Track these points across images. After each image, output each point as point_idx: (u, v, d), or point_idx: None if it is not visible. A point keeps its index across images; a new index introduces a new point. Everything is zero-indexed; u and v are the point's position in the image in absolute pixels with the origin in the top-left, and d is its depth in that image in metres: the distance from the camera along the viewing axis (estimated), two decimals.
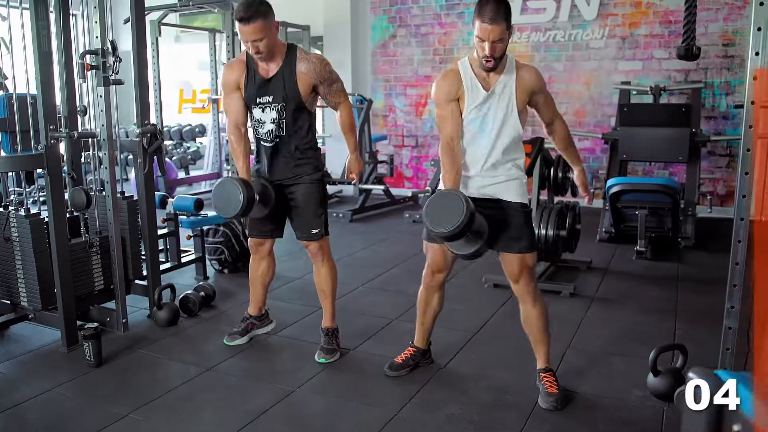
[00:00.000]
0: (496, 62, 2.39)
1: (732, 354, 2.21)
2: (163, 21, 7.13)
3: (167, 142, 9.02)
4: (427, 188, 6.37)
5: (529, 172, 4.04)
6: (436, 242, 2.62)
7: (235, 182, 2.79)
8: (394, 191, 7.17)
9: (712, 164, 6.49)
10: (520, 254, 2.55)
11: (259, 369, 2.97)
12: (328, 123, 8.29)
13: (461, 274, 4.38)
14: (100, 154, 3.24)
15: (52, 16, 3.09)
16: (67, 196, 3.20)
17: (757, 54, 1.99)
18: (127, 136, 7.04)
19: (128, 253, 3.50)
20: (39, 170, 3.07)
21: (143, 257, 3.62)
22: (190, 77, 11.34)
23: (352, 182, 2.83)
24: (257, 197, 2.86)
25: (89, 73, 3.10)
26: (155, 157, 3.44)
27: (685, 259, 4.83)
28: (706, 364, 2.62)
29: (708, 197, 5.56)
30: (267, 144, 2.91)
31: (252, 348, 3.18)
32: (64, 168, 3.32)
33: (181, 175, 8.53)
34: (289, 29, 7.74)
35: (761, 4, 1.94)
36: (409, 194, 7.17)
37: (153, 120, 3.87)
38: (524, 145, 4.21)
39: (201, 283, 3.91)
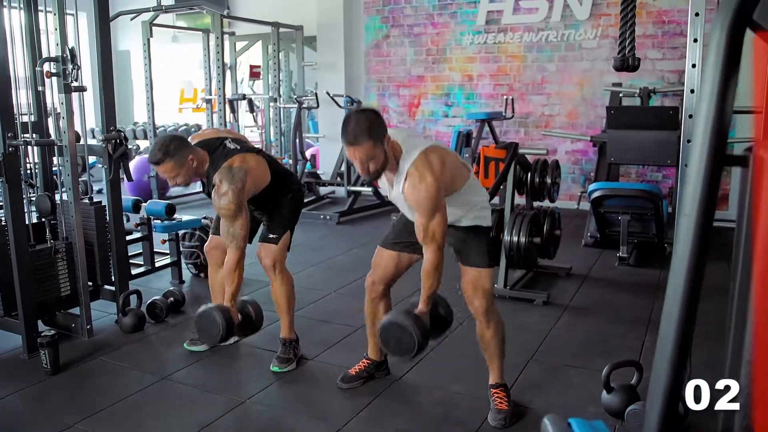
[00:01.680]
0: (374, 175, 2.28)
1: None
2: (155, 22, 7.13)
3: None
4: None
5: (503, 178, 3.99)
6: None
7: (214, 312, 2.69)
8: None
9: None
10: (474, 268, 2.52)
11: (214, 378, 2.96)
12: (322, 123, 8.28)
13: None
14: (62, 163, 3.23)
15: (15, 18, 3.10)
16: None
17: (693, 66, 1.93)
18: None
19: (96, 258, 3.51)
20: None
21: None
22: (192, 76, 11.38)
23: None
24: (237, 321, 2.78)
25: (49, 80, 3.09)
26: (121, 162, 3.43)
27: (669, 266, 4.74)
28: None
29: None
30: None
31: (212, 355, 3.17)
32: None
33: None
34: (282, 29, 7.71)
35: (696, 14, 1.89)
36: None
37: (145, 120, 3.94)
38: (499, 150, 4.21)
39: (171, 288, 3.90)
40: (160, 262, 4.26)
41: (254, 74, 9.08)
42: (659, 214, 4.76)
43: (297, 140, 7.06)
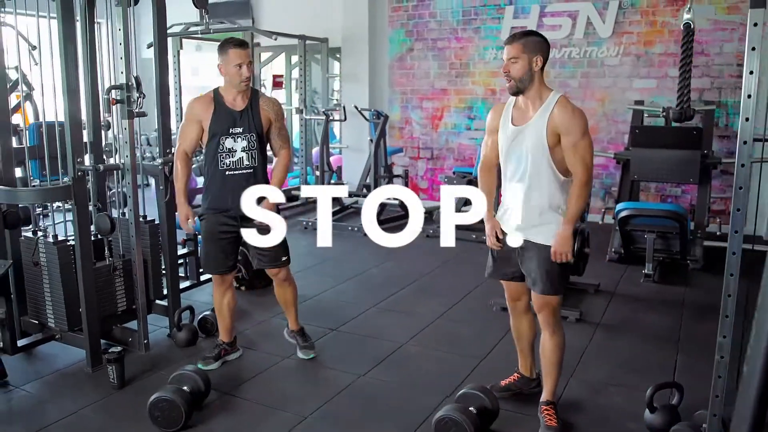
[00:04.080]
0: (512, 85, 2.61)
1: (722, 402, 2.29)
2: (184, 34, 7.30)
3: None
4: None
5: None
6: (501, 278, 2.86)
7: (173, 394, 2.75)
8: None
9: (725, 183, 6.52)
10: (540, 294, 2.68)
11: (274, 394, 3.10)
12: (345, 133, 8.44)
13: (470, 296, 4.50)
14: (124, 184, 3.39)
15: (79, 48, 3.25)
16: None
17: (751, 73, 2.07)
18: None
19: (149, 274, 3.66)
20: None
21: (164, 276, 3.79)
22: (210, 82, 11.57)
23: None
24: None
25: (114, 106, 3.25)
26: None
27: (693, 282, 4.90)
28: (702, 399, 2.73)
29: (717, 219, 5.61)
30: (235, 173, 3.10)
31: (267, 372, 3.31)
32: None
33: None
34: (308, 42, 7.87)
35: (755, 24, 2.03)
36: (425, 207, 7.28)
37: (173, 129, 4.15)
38: None
39: None
40: (204, 275, 4.42)
41: (277, 84, 9.24)
42: (684, 233, 4.90)
43: (324, 152, 7.20)
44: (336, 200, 7.48)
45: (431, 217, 6.76)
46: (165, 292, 3.82)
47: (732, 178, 6.47)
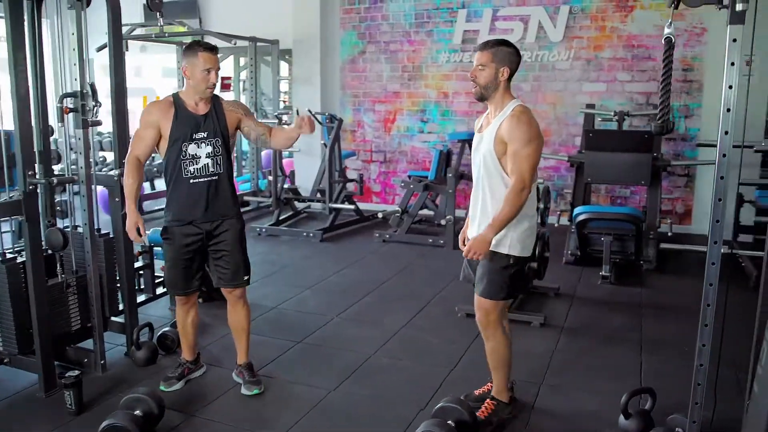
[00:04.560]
0: (478, 91, 2.67)
1: (701, 408, 2.32)
2: (131, 35, 7.03)
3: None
4: (397, 207, 6.45)
5: None
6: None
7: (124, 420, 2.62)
8: (362, 206, 7.23)
9: (671, 184, 6.72)
10: (478, 295, 2.76)
11: (243, 414, 2.98)
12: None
13: (433, 302, 4.47)
14: (77, 196, 3.21)
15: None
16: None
17: (730, 87, 2.10)
18: None
19: (104, 291, 3.49)
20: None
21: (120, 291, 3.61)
22: (154, 84, 11.23)
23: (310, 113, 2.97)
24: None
25: (68, 115, 3.07)
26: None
27: (648, 283, 5.01)
28: (672, 402, 2.77)
29: (668, 219, 5.76)
30: (201, 180, 2.95)
31: (234, 389, 3.19)
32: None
33: (147, 188, 8.42)
34: (259, 44, 7.71)
35: (734, 40, 2.06)
36: (378, 210, 7.25)
37: (110, 130, 3.92)
38: None
39: (173, 315, 3.89)
40: (158, 289, 4.25)
41: (225, 86, 9.03)
42: (639, 235, 5.01)
43: (277, 156, 7.06)
44: (288, 205, 7.36)
45: (387, 221, 6.73)
46: (121, 307, 3.64)
47: (678, 179, 6.73)
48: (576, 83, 6.94)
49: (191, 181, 2.95)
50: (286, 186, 7.27)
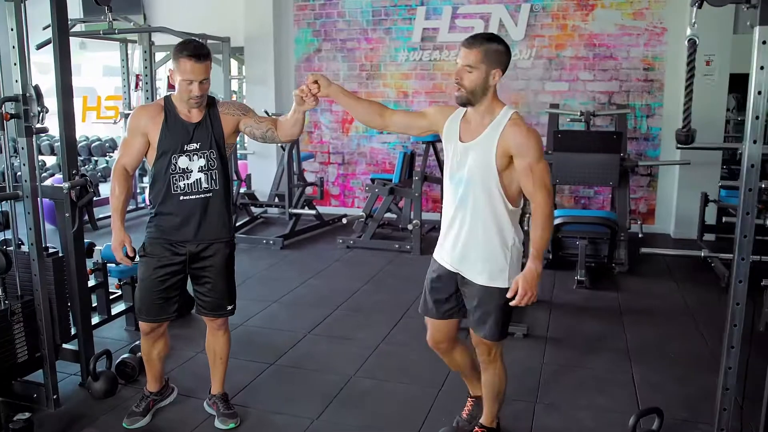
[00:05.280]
0: (462, 95, 2.27)
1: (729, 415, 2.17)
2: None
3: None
4: (362, 213, 6.22)
5: None
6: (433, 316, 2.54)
7: None
8: (321, 210, 6.95)
9: (635, 183, 6.69)
10: (482, 338, 2.44)
11: None
12: (250, 140, 7.95)
13: (409, 314, 4.26)
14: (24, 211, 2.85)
15: None
16: None
17: (759, 93, 1.94)
18: None
19: (55, 316, 3.13)
20: None
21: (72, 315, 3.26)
22: (95, 83, 10.65)
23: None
24: None
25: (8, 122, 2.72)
26: (85, 210, 3.07)
27: (623, 287, 4.92)
28: (671, 418, 2.64)
29: (638, 220, 5.71)
30: (192, 198, 2.62)
31: (208, 422, 2.90)
32: None
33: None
34: (209, 41, 7.32)
35: (764, 42, 1.90)
36: (338, 215, 7.00)
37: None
38: None
39: (137, 342, 3.54)
40: (113, 308, 3.89)
41: (172, 86, 8.57)
42: (614, 239, 4.93)
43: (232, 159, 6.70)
44: (244, 210, 7.03)
45: (352, 227, 6.48)
46: (74, 332, 3.29)
47: (641, 178, 6.71)
48: (538, 82, 6.84)
49: (181, 198, 2.61)
50: (242, 191, 6.92)
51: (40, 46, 4.44)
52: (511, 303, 2.23)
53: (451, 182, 2.36)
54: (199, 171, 2.60)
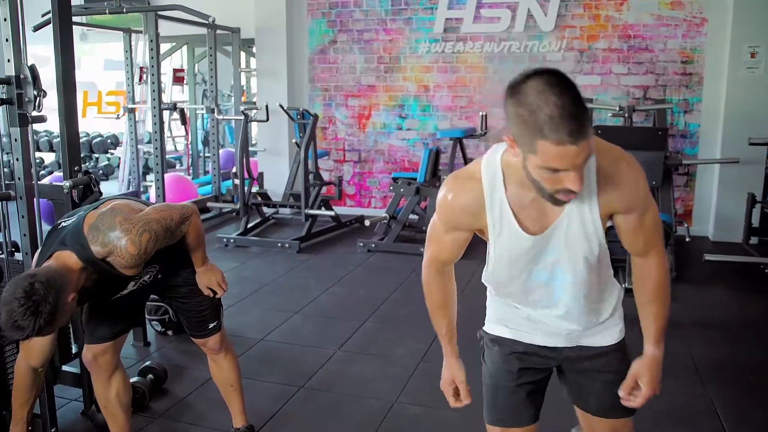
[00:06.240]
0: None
1: None
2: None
3: None
4: (385, 214, 5.81)
5: None
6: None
7: None
8: (336, 210, 6.53)
9: (673, 188, 6.29)
10: (619, 419, 1.73)
11: None
12: (261, 135, 7.56)
13: None
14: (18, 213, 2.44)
15: None
16: None
17: None
18: None
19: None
20: None
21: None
22: (95, 78, 10.23)
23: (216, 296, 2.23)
24: None
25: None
26: None
27: (675, 296, 4.49)
28: None
29: (684, 223, 5.31)
30: None
31: None
32: None
33: None
34: (218, 32, 6.92)
35: None
36: (356, 215, 6.59)
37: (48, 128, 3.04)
38: None
39: (148, 363, 3.12)
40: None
41: (178, 79, 8.17)
42: (666, 243, 4.51)
43: (243, 157, 6.29)
44: (256, 210, 6.62)
45: (374, 229, 6.08)
46: (75, 351, 2.88)
47: (678, 178, 6.30)
48: (568, 76, 6.40)
49: None
50: (254, 190, 6.50)
51: (37, 28, 4.03)
52: (632, 404, 1.64)
53: (525, 282, 1.63)
54: None
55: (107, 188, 7.72)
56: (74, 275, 1.90)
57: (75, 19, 6.36)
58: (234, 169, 6.48)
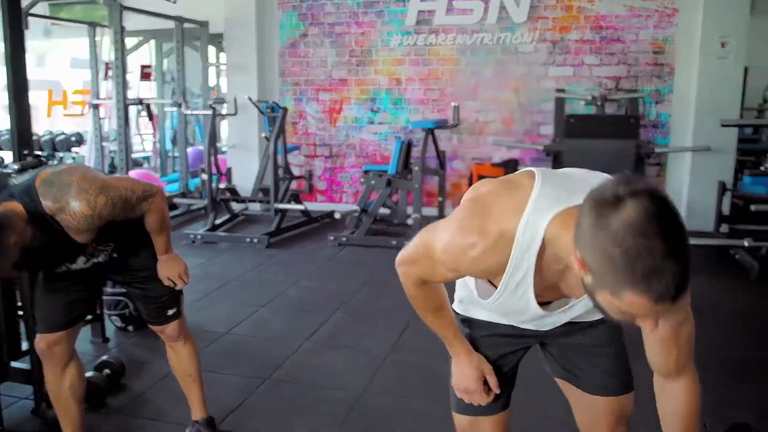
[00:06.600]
0: None
1: None
2: (31, 12, 5.94)
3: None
4: (356, 207, 5.71)
5: None
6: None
7: None
8: (308, 206, 6.40)
9: (645, 176, 6.28)
10: (618, 397, 1.58)
11: None
12: (231, 131, 7.42)
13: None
14: None
15: None
16: None
17: None
18: None
19: (2, 329, 2.57)
20: None
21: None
22: (61, 76, 9.99)
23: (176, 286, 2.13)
24: None
25: None
26: None
27: None
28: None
29: None
30: None
31: None
32: None
33: None
34: (186, 25, 6.77)
35: None
36: (327, 210, 6.47)
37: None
38: (496, 168, 3.68)
39: (104, 357, 2.98)
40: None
41: (145, 75, 7.99)
42: None
43: (211, 152, 6.14)
44: (225, 207, 6.47)
45: (345, 223, 5.98)
46: (25, 347, 2.73)
47: (650, 168, 6.29)
48: (541, 67, 6.39)
49: None
50: (222, 186, 6.36)
51: None
52: None
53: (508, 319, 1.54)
54: None
55: None
56: (20, 221, 1.77)
57: (37, 10, 6.20)
58: (202, 165, 6.33)
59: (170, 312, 2.29)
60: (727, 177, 5.80)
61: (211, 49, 7.98)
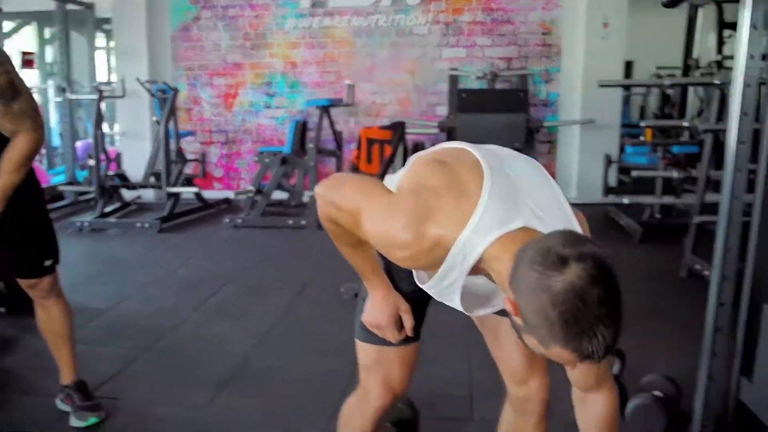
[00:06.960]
0: None
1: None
2: None
3: None
4: (250, 188, 5.59)
5: (391, 161, 3.49)
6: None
7: None
8: (204, 194, 6.22)
9: (535, 150, 6.50)
10: None
11: None
12: (122, 118, 7.10)
13: (311, 286, 3.71)
14: None
15: None
16: None
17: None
18: None
19: None
20: None
21: None
22: None
23: None
24: None
25: None
26: None
27: None
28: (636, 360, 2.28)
29: None
30: None
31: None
32: None
33: None
34: (69, 6, 6.42)
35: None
36: (223, 197, 6.31)
37: None
38: (384, 131, 3.70)
39: None
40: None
41: (27, 63, 7.50)
42: None
43: (98, 136, 5.83)
44: (115, 196, 6.17)
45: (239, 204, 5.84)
46: None
47: (541, 146, 6.52)
48: (435, 49, 6.49)
49: None
50: (111, 173, 6.06)
51: None
52: None
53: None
54: None
55: None
56: None
57: None
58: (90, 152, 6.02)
59: (47, 263, 2.12)
60: (613, 151, 6.12)
61: (103, 37, 7.60)
